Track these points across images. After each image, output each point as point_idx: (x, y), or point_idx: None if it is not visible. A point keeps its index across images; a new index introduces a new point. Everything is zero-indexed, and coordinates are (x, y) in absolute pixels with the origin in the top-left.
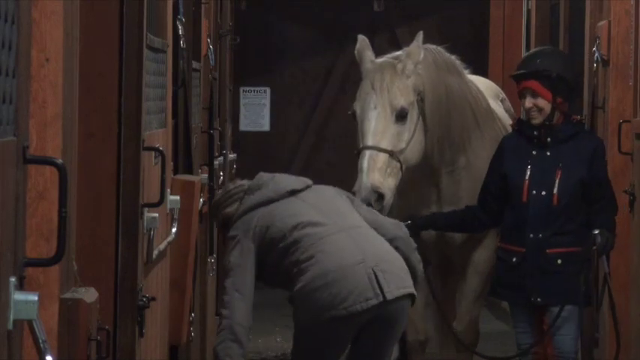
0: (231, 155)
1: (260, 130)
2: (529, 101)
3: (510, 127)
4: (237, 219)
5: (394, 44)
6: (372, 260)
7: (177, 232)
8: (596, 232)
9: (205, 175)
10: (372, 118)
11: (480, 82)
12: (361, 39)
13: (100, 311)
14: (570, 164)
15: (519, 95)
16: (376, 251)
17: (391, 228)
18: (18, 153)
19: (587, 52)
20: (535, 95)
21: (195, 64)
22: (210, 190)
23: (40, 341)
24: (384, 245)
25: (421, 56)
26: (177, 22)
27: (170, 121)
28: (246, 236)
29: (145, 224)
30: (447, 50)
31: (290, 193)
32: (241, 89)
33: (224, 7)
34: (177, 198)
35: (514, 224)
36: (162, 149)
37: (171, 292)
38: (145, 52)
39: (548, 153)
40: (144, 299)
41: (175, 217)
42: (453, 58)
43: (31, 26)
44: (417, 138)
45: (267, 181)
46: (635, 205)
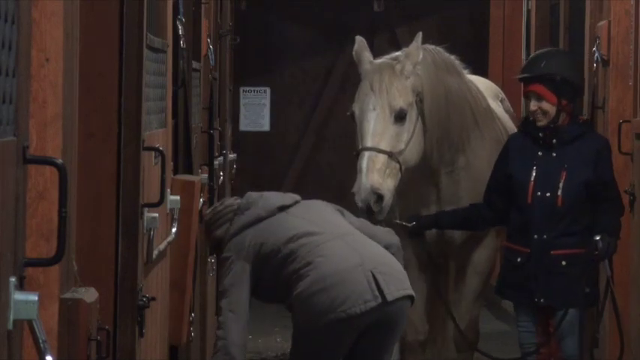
0: (231, 155)
1: (260, 130)
2: (534, 104)
3: (509, 127)
4: (229, 240)
5: (394, 44)
6: (370, 263)
7: (177, 232)
8: (598, 237)
9: (205, 175)
10: (371, 119)
11: (480, 82)
12: (359, 40)
13: (100, 311)
14: (575, 165)
15: (525, 97)
16: (373, 254)
17: (384, 237)
18: (18, 153)
19: (587, 52)
20: (540, 98)
21: (195, 64)
22: (210, 190)
23: (40, 341)
24: (380, 249)
25: (420, 57)
26: (177, 22)
27: (170, 121)
28: (240, 256)
29: (145, 224)
30: (446, 50)
31: (279, 209)
32: (241, 89)
33: (224, 7)
34: (177, 198)
35: (519, 225)
36: (162, 149)
37: (171, 292)
38: (145, 52)
39: (553, 154)
40: (144, 299)
41: (175, 217)
42: (452, 58)
43: (31, 26)
44: (416, 139)
45: (255, 200)
46: (635, 205)
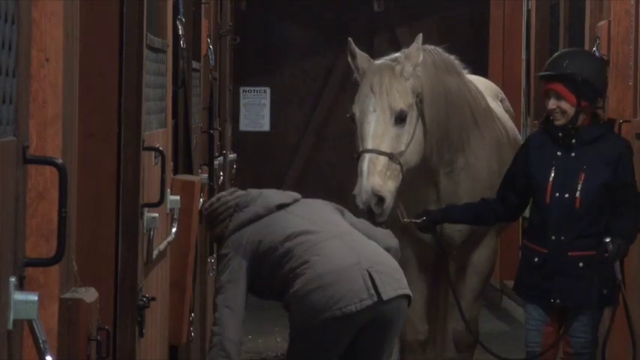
0: (231, 155)
1: (260, 130)
2: (553, 103)
3: (509, 127)
4: (228, 237)
5: (394, 44)
6: (366, 262)
7: (177, 232)
8: (608, 239)
9: (205, 175)
10: (371, 121)
11: (480, 82)
12: (349, 42)
13: (100, 311)
14: (594, 167)
15: (544, 95)
16: (370, 254)
17: (383, 238)
18: (18, 153)
19: None
20: (559, 97)
21: (195, 64)
22: (210, 190)
23: (40, 341)
24: (378, 248)
25: (420, 58)
26: (177, 22)
27: (170, 121)
28: (237, 253)
29: (145, 224)
30: (446, 50)
31: (278, 207)
32: (241, 89)
33: (224, 7)
34: (177, 198)
35: (538, 224)
36: (162, 149)
37: (171, 292)
38: (145, 52)
39: (572, 154)
40: (144, 299)
41: (175, 217)
42: (452, 58)
43: (31, 26)
44: (416, 140)
45: (255, 197)
46: None
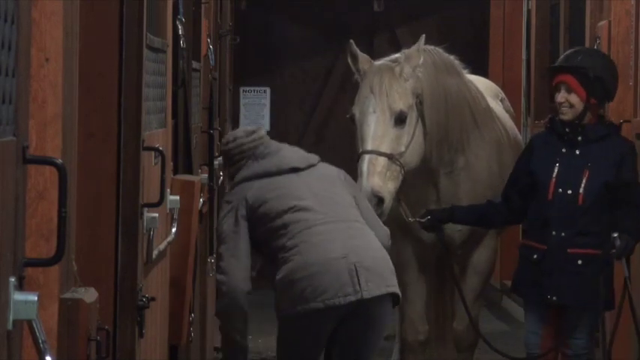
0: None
1: None
2: (562, 96)
3: (509, 127)
4: (236, 184)
5: (394, 44)
6: (355, 256)
7: (177, 232)
8: (615, 235)
9: (205, 175)
10: (371, 122)
11: (480, 82)
12: (350, 44)
13: (100, 311)
14: (598, 165)
15: (553, 89)
16: (361, 248)
17: (381, 237)
18: (18, 153)
19: None
20: (569, 90)
21: (195, 64)
22: (210, 190)
23: (40, 341)
24: (371, 243)
25: (420, 60)
26: (177, 22)
27: (170, 121)
28: (241, 204)
29: (145, 224)
30: (446, 50)
31: (291, 169)
32: (241, 89)
33: (224, 7)
34: (177, 198)
35: (538, 221)
36: (162, 149)
37: (171, 292)
38: (145, 52)
39: (577, 152)
40: (144, 299)
41: (175, 217)
42: (451, 58)
43: (31, 26)
44: (416, 141)
45: (272, 152)
46: None
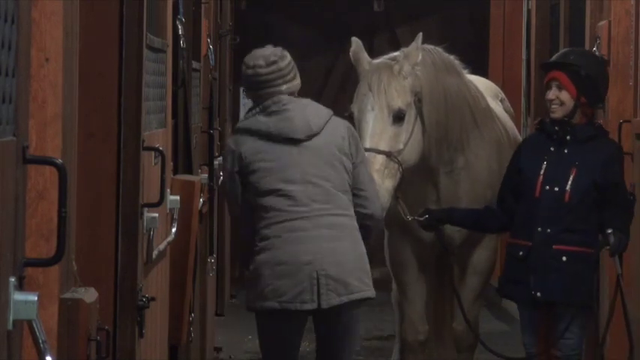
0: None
1: None
2: (553, 93)
3: (509, 127)
4: (240, 130)
5: (394, 44)
6: (320, 263)
7: (177, 232)
8: (610, 231)
9: (205, 175)
10: (369, 119)
11: (480, 82)
12: (355, 41)
13: (100, 311)
14: (586, 164)
15: (545, 87)
16: (331, 252)
17: (373, 209)
18: (18, 153)
19: None
20: (560, 88)
21: (195, 64)
22: (210, 190)
23: (40, 341)
24: (343, 243)
25: (419, 58)
26: (177, 22)
27: (170, 121)
28: (235, 157)
29: (145, 224)
30: (446, 50)
31: (290, 140)
32: (241, 89)
33: (224, 7)
34: (177, 198)
35: (524, 219)
36: (162, 149)
37: (171, 292)
38: (145, 52)
39: (565, 150)
40: (144, 299)
41: (175, 217)
42: (451, 58)
43: (31, 26)
44: (414, 138)
45: (280, 112)
46: (636, 205)
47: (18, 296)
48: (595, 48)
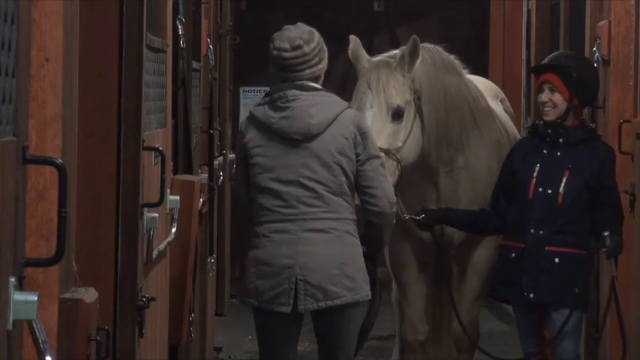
0: (231, 155)
1: None
2: (545, 95)
3: (509, 127)
4: (251, 116)
5: (394, 44)
6: (300, 269)
7: (177, 232)
8: (606, 233)
9: (205, 175)
10: (368, 117)
11: (480, 82)
12: (353, 39)
13: (100, 311)
14: (579, 167)
15: (538, 90)
16: (310, 258)
17: (382, 205)
18: (17, 153)
19: (587, 52)
20: (553, 90)
21: (195, 64)
22: (210, 190)
23: (40, 341)
24: (327, 248)
25: (418, 55)
26: (177, 22)
27: (170, 121)
28: (241, 143)
29: (145, 224)
30: (446, 50)
31: (288, 139)
32: (241, 89)
33: (224, 7)
34: (177, 198)
35: (517, 221)
36: (162, 149)
37: (171, 292)
38: (145, 52)
39: (558, 153)
40: (144, 299)
41: (175, 217)
42: (451, 57)
43: (31, 26)
44: (413, 136)
45: (286, 109)
46: (636, 205)
47: (18, 296)
48: (595, 48)
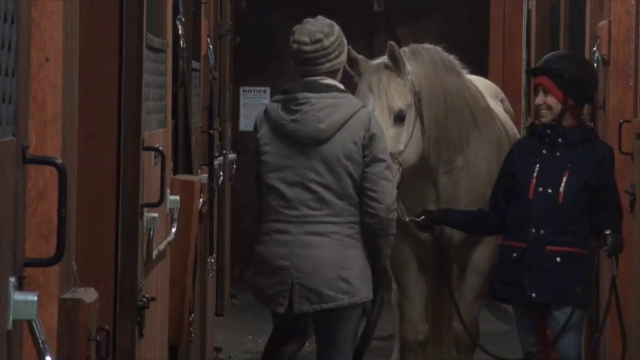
0: (231, 155)
1: None
2: (540, 98)
3: (509, 127)
4: (267, 110)
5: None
6: (296, 271)
7: (177, 232)
8: (608, 232)
9: (205, 175)
10: None
11: (480, 82)
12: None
13: (100, 311)
14: (578, 167)
15: (533, 92)
16: (307, 260)
17: (380, 209)
18: (17, 153)
19: (587, 52)
20: (546, 92)
21: (195, 64)
22: (210, 190)
23: (40, 341)
24: (325, 251)
25: (418, 57)
26: (177, 22)
27: (170, 121)
28: (255, 137)
29: (145, 224)
30: (446, 50)
31: (296, 140)
32: (241, 89)
33: (224, 7)
34: (177, 198)
35: (518, 220)
36: (162, 149)
37: (171, 292)
38: (145, 52)
39: (557, 153)
40: (144, 299)
41: (175, 217)
42: (451, 57)
43: (31, 26)
44: (414, 139)
45: (296, 112)
46: (636, 205)
47: (18, 296)
48: (595, 48)
